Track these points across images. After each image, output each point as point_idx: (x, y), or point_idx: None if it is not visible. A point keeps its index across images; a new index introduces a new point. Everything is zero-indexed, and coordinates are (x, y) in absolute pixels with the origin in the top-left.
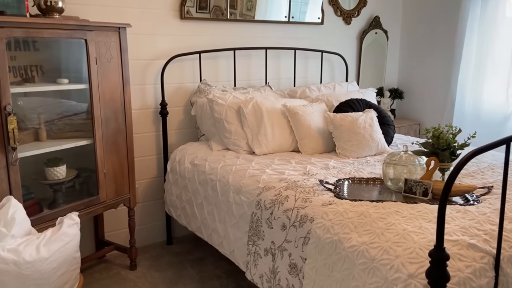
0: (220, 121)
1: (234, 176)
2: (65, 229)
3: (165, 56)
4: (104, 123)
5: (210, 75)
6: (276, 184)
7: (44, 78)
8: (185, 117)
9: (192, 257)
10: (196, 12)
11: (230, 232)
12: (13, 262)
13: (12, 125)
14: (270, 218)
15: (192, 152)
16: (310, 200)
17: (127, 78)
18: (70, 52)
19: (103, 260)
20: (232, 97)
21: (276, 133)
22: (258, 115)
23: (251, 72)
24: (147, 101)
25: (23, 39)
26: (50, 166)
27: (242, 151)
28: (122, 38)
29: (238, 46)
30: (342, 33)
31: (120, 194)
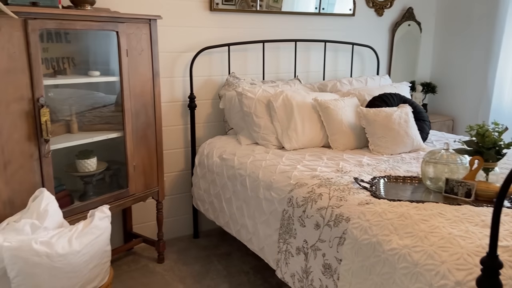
0: (249, 115)
1: (264, 172)
2: (96, 222)
3: (194, 48)
4: (134, 116)
5: (239, 68)
6: (308, 181)
7: (75, 70)
8: (213, 110)
9: (219, 252)
10: (222, 4)
11: (260, 229)
12: (46, 254)
13: (45, 117)
14: (303, 216)
15: (220, 146)
16: (345, 199)
17: (157, 71)
18: (101, 44)
19: (131, 252)
20: (262, 91)
21: (306, 128)
22: (288, 109)
23: (280, 65)
24: (176, 94)
25: (55, 31)
26: (81, 158)
27: (271, 146)
28: (153, 30)
29: (267, 38)
30: (373, 25)
31: (149, 187)
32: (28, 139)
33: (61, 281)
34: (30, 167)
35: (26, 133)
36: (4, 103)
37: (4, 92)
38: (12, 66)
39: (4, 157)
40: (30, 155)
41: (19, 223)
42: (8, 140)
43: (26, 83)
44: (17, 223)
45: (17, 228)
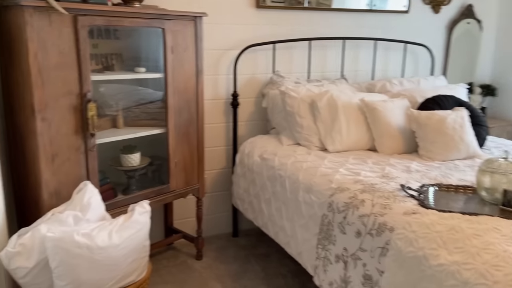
0: (292, 114)
1: (305, 174)
2: (136, 217)
3: (239, 46)
4: (177, 113)
5: (284, 66)
6: (350, 185)
7: (123, 66)
8: (256, 109)
9: (257, 252)
10: (271, 1)
11: (298, 232)
12: (86, 246)
13: (91, 112)
14: (343, 222)
15: (261, 145)
16: (390, 207)
17: (201, 68)
18: (148, 41)
19: (171, 247)
20: (306, 90)
21: (351, 130)
22: (332, 110)
23: (326, 63)
24: (219, 91)
25: (105, 27)
26: (125, 153)
27: (314, 147)
28: (198, 28)
29: (313, 36)
30: (429, 23)
31: (189, 184)
32: (75, 133)
33: (100, 274)
34: (76, 160)
35: (74, 127)
36: (54, 97)
37: (54, 87)
38: (62, 61)
39: (52, 149)
40: (77, 148)
41: (62, 215)
42: (57, 133)
43: (74, 78)
44: (61, 214)
45: (61, 219)
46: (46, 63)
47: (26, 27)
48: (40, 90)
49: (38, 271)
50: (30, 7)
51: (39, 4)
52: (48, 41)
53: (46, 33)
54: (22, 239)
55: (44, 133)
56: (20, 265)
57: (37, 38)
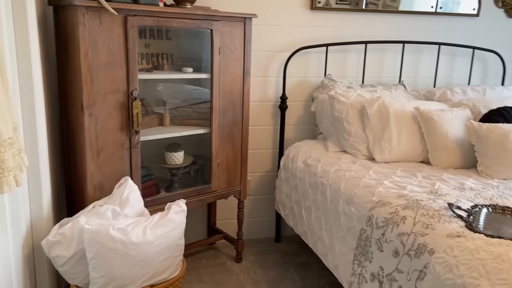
0: (339, 120)
1: (347, 184)
2: (171, 215)
3: (290, 48)
4: (222, 114)
5: (337, 70)
6: (393, 200)
7: (172, 66)
8: (305, 113)
9: (298, 260)
10: (336, 3)
11: (336, 245)
12: (121, 241)
13: (136, 109)
14: (381, 239)
15: (306, 150)
16: (432, 227)
17: (248, 70)
18: (198, 42)
19: (213, 247)
20: (356, 95)
21: (402, 140)
22: (383, 117)
23: (383, 68)
24: (268, 93)
25: (157, 28)
26: (170, 151)
27: (361, 156)
28: (247, 29)
29: (370, 39)
30: (501, 27)
31: (231, 185)
32: (121, 129)
33: (132, 269)
34: (120, 155)
35: (119, 123)
36: (102, 94)
37: (102, 84)
38: (111, 60)
39: (98, 144)
40: (121, 144)
41: (102, 208)
42: (103, 128)
43: (122, 76)
44: (101, 207)
45: (100, 212)
46: (96, 61)
47: (78, 27)
48: (89, 86)
49: (76, 261)
50: (83, 7)
51: (91, 4)
52: (99, 40)
53: (97, 32)
54: (63, 229)
55: (91, 128)
56: (59, 254)
57: (88, 37)
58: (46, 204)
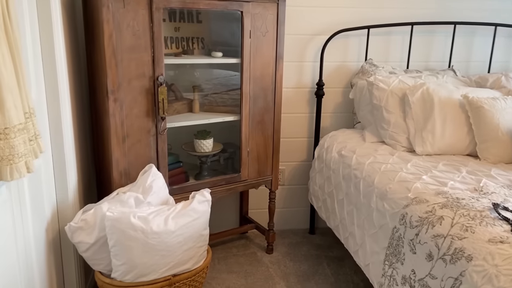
0: (378, 108)
1: (381, 177)
2: (195, 205)
3: (328, 31)
4: (252, 100)
5: (379, 54)
6: (430, 197)
7: (203, 50)
8: (343, 100)
9: (331, 254)
10: None
11: (367, 242)
12: (141, 230)
13: (162, 95)
14: (415, 240)
15: (342, 140)
16: (472, 230)
17: (281, 54)
18: (229, 25)
19: (244, 236)
20: (398, 81)
21: (447, 130)
22: (427, 106)
23: (431, 52)
24: (304, 79)
25: (187, 10)
26: (199, 138)
27: (400, 147)
28: (280, 11)
29: (416, 21)
30: None
31: (262, 175)
32: (146, 115)
33: (154, 258)
34: (146, 142)
35: (145, 109)
36: (127, 79)
37: (127, 69)
38: (136, 43)
39: (123, 130)
40: (147, 130)
41: (125, 195)
42: (128, 114)
43: (147, 61)
44: (124, 194)
45: (122, 199)
46: (120, 44)
47: (102, 9)
48: (113, 71)
49: (98, 247)
50: None
51: None
52: (123, 23)
53: (121, 14)
54: (85, 215)
55: (116, 114)
56: (81, 240)
57: (113, 20)
58: (72, 189)
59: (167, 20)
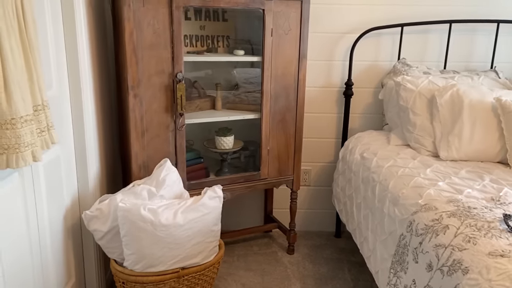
0: (405, 110)
1: (396, 182)
2: (205, 200)
3: (358, 29)
4: (273, 99)
5: (414, 53)
6: (440, 205)
7: (227, 48)
8: (374, 101)
9: (353, 259)
10: None
11: (378, 249)
12: (150, 222)
13: (180, 92)
14: (418, 248)
15: (366, 142)
16: (474, 241)
17: (304, 53)
18: (255, 23)
19: (268, 235)
20: (427, 82)
21: (476, 135)
22: (456, 108)
23: (473, 51)
24: (332, 79)
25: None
26: (220, 135)
27: (424, 151)
28: (304, 8)
29: (456, 18)
30: None
31: (282, 174)
32: (165, 111)
33: (162, 250)
34: (165, 137)
35: (164, 105)
36: (147, 75)
37: (147, 65)
38: (156, 41)
39: (143, 125)
40: (166, 126)
41: (138, 187)
42: (148, 110)
43: (167, 58)
44: (138, 187)
45: (136, 191)
46: (140, 42)
47: (124, 7)
48: (133, 67)
49: (112, 236)
50: None
51: None
52: (144, 21)
53: (142, 13)
54: (101, 205)
55: (136, 109)
56: (96, 228)
57: (133, 18)
58: (92, 178)
59: (192, 19)
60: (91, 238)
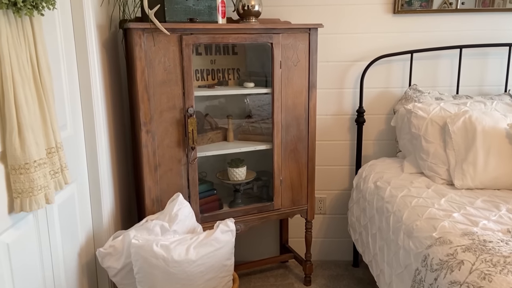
0: (417, 137)
1: (410, 213)
2: (217, 235)
3: (368, 57)
4: (284, 129)
5: (426, 79)
6: (455, 238)
7: (238, 80)
8: (387, 127)
9: None
10: (421, 6)
11: (394, 283)
12: (163, 258)
13: (191, 126)
14: (433, 285)
15: (380, 170)
16: (490, 278)
17: (314, 83)
18: (264, 55)
19: (284, 265)
20: (439, 109)
21: (491, 163)
22: (469, 135)
23: (485, 75)
24: (344, 106)
25: (224, 44)
26: (232, 167)
27: (439, 180)
28: (312, 40)
29: (467, 43)
30: None
31: (296, 204)
32: (177, 145)
33: (175, 286)
34: (177, 170)
35: (176, 140)
36: (159, 111)
37: (158, 102)
38: (167, 78)
39: (155, 159)
40: (178, 160)
41: (151, 223)
42: (160, 145)
43: (178, 93)
44: (151, 222)
45: (149, 227)
46: (152, 79)
47: (135, 47)
48: (145, 104)
49: (125, 273)
50: (139, 29)
51: (147, 26)
52: (155, 60)
53: (153, 52)
54: (114, 241)
55: (148, 145)
56: (110, 265)
57: (145, 57)
58: (106, 215)
59: (203, 54)
60: (105, 275)
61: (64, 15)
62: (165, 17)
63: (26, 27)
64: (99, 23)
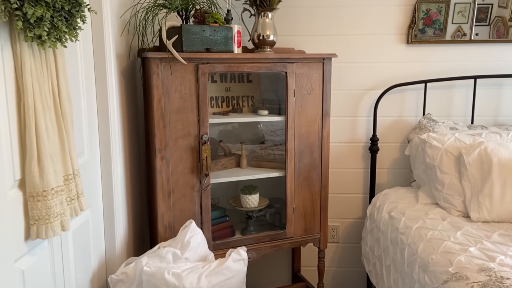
0: (432, 168)
1: (426, 246)
2: (229, 264)
3: (382, 85)
4: (298, 157)
5: (440, 108)
6: (472, 274)
7: (252, 108)
8: (401, 156)
9: None
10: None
11: None
12: (174, 286)
13: (205, 153)
14: None
15: (394, 200)
16: None
17: (327, 111)
18: (278, 83)
19: None
20: (454, 140)
21: (508, 195)
22: (485, 167)
23: (501, 105)
24: (357, 134)
25: (239, 73)
26: (245, 193)
27: (455, 212)
28: (326, 69)
29: (481, 74)
30: None
31: (309, 232)
32: (191, 172)
33: None
34: (191, 197)
35: (190, 166)
36: (174, 138)
37: (174, 129)
38: (183, 105)
39: (169, 186)
40: (192, 186)
41: (163, 250)
42: (174, 171)
43: (193, 121)
44: (163, 249)
45: (161, 254)
46: (168, 107)
47: (153, 76)
48: (161, 131)
49: None
50: (157, 58)
51: (164, 56)
52: (171, 88)
53: (170, 80)
54: (126, 268)
55: (163, 171)
56: None
57: (162, 85)
58: (119, 241)
59: (218, 81)
60: None
61: (85, 44)
62: (183, 47)
63: (49, 59)
64: (118, 52)
